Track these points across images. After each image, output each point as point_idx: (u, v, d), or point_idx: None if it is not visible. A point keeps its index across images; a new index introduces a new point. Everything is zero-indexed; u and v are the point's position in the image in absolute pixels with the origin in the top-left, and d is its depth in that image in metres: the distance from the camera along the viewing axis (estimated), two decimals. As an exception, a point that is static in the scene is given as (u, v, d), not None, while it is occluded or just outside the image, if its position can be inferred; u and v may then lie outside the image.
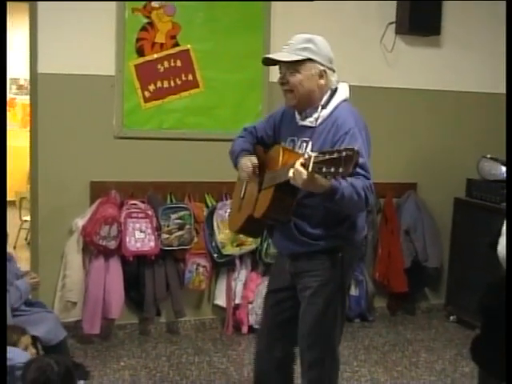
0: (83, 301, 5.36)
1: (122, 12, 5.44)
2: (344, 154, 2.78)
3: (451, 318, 6.38)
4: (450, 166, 6.43)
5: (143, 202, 5.48)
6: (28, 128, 5.92)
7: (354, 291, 6.16)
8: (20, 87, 12.20)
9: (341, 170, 2.78)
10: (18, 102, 12.31)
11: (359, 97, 5.99)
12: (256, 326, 5.73)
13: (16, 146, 11.38)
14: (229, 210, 5.01)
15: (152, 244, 5.39)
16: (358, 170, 3.05)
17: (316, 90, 3.43)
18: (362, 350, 5.61)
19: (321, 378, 3.63)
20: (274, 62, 3.50)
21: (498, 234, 3.82)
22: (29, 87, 5.83)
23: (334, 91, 3.49)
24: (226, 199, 5.64)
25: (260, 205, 3.40)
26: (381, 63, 6.21)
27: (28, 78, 5.82)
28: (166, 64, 5.56)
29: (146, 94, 5.54)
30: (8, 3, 8.98)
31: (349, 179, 3.07)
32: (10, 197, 10.28)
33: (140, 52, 5.51)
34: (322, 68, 3.41)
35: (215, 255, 5.64)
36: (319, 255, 3.46)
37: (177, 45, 5.59)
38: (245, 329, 5.81)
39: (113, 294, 5.35)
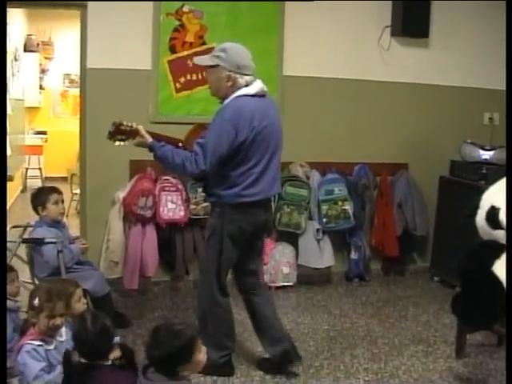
0: (124, 261, 5.40)
1: (157, 16, 5.48)
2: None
3: (435, 278, 6.36)
4: (437, 149, 6.38)
5: (174, 178, 5.47)
6: (78, 116, 5.93)
7: (353, 255, 6.17)
8: (71, 81, 12.22)
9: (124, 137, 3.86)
10: (70, 94, 12.35)
11: (360, 89, 6.07)
12: (270, 284, 5.76)
13: (67, 130, 11.47)
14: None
15: (182, 213, 5.41)
16: (195, 146, 3.67)
17: (223, 89, 3.81)
18: (359, 305, 5.61)
19: (200, 296, 4.15)
20: None
21: (476, 207, 3.81)
22: (79, 81, 5.83)
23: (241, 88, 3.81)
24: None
25: None
26: (378, 61, 6.17)
27: (78, 73, 5.83)
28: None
29: (177, 85, 5.57)
30: (62, 11, 9.00)
31: (177, 150, 3.74)
32: (62, 173, 10.39)
33: (172, 49, 5.54)
34: (228, 73, 3.76)
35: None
36: (212, 207, 3.99)
37: (204, 43, 5.61)
38: (260, 286, 5.82)
39: (149, 256, 5.38)
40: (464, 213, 4.01)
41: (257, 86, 3.85)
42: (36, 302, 3.14)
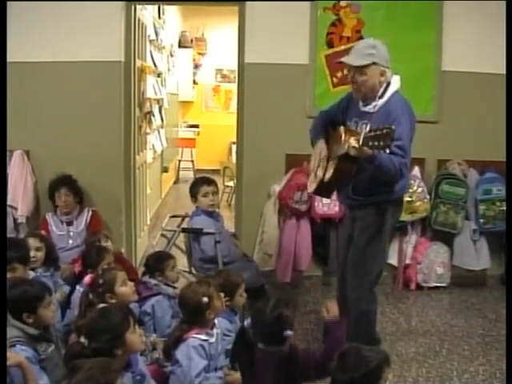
0: (277, 254, 5.43)
1: (314, 11, 5.50)
2: (384, 131, 3.23)
3: None
4: None
5: (330, 173, 5.44)
6: (229, 110, 6.04)
7: (511, 258, 5.90)
8: (223, 76, 12.47)
9: (381, 143, 3.24)
10: (222, 89, 12.59)
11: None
12: (423, 284, 5.67)
13: (219, 124, 11.71)
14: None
15: (337, 209, 5.37)
16: (397, 150, 3.56)
17: (377, 85, 3.81)
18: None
19: (360, 297, 3.99)
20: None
21: None
22: (230, 76, 5.93)
23: (388, 83, 3.84)
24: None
25: (328, 171, 3.77)
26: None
27: (230, 68, 5.94)
28: (351, 54, 5.49)
29: (334, 80, 5.55)
30: (215, 8, 9.18)
31: (389, 155, 3.50)
32: (214, 166, 10.63)
33: (329, 44, 5.54)
34: (382, 69, 3.80)
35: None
36: (367, 206, 3.90)
37: (361, 38, 5.48)
38: (413, 285, 5.70)
39: (302, 250, 5.40)
40: None
41: (398, 81, 3.93)
42: (206, 299, 3.20)
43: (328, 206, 5.34)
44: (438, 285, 5.72)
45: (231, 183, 8.45)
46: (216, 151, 11.74)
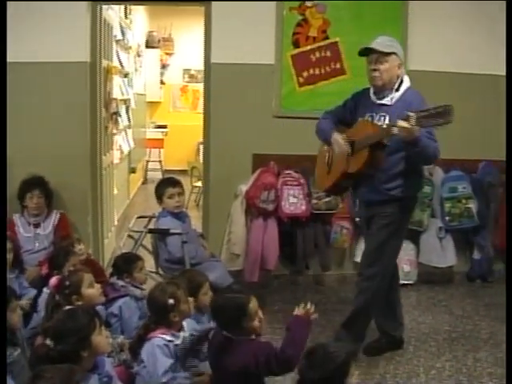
0: (245, 253, 5.43)
1: (280, 11, 5.52)
2: (441, 109, 3.34)
3: None
4: None
5: (297, 172, 5.46)
6: (197, 110, 6.04)
7: (476, 255, 5.97)
8: (191, 76, 12.46)
9: (440, 120, 3.35)
10: (189, 89, 12.58)
11: (486, 84, 5.84)
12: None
13: (187, 125, 11.69)
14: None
15: (304, 208, 5.40)
16: (429, 135, 3.70)
17: (395, 77, 3.96)
18: (482, 307, 5.40)
19: (369, 288, 4.09)
20: (366, 54, 4.01)
21: None
22: (198, 76, 5.93)
23: (401, 80, 4.00)
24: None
25: (355, 163, 3.86)
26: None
27: (197, 68, 5.94)
28: (317, 54, 5.56)
29: (301, 79, 5.58)
30: (183, 8, 9.16)
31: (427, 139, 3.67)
32: (181, 166, 10.60)
33: (296, 44, 5.56)
34: (400, 62, 3.98)
35: (357, 219, 5.51)
36: (389, 202, 3.97)
37: (327, 38, 5.59)
38: (380, 283, 5.73)
39: (270, 249, 5.38)
40: None
41: (409, 80, 4.07)
42: (171, 301, 3.20)
43: (295, 205, 5.36)
44: (405, 282, 5.71)
45: (199, 183, 8.44)
46: (184, 151, 11.70)
